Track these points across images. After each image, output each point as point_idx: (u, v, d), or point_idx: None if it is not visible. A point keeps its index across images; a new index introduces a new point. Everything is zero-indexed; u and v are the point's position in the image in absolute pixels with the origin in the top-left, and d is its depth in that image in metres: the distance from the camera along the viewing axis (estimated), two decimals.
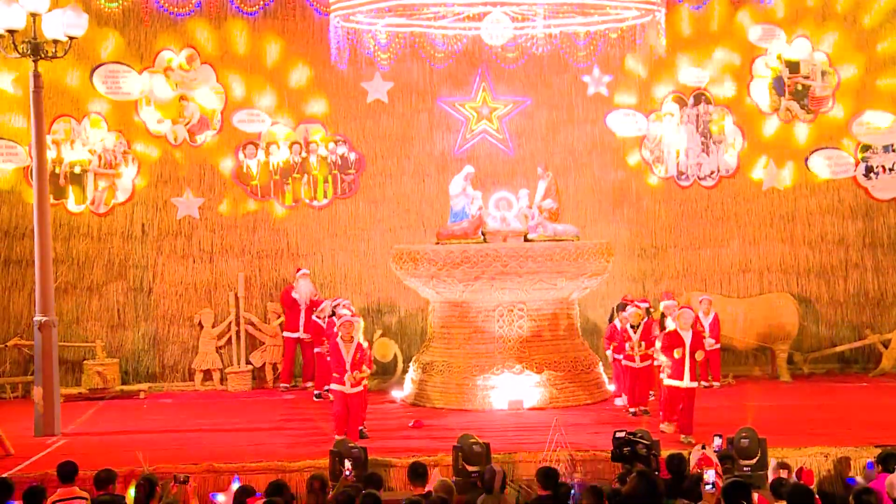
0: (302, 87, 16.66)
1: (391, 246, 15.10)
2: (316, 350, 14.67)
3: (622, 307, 13.95)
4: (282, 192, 16.56)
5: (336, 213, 16.68)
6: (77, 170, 16.11)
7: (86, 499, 8.62)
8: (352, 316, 12.37)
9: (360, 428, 11.96)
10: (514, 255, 13.47)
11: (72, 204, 16.11)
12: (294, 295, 15.43)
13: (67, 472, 8.89)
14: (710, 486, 8.00)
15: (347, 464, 9.67)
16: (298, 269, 15.69)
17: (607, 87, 16.91)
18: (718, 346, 15.01)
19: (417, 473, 9.11)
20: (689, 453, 9.88)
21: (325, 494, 8.60)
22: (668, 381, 11.82)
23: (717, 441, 9.91)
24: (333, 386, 12.07)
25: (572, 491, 8.47)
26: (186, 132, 16.34)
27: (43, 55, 12.41)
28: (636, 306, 13.45)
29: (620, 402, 13.61)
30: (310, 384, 15.15)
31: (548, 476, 8.77)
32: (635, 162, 17.01)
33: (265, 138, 16.53)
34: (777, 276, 16.85)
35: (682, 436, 11.46)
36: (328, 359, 12.72)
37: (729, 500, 7.10)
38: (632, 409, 12.98)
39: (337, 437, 11.26)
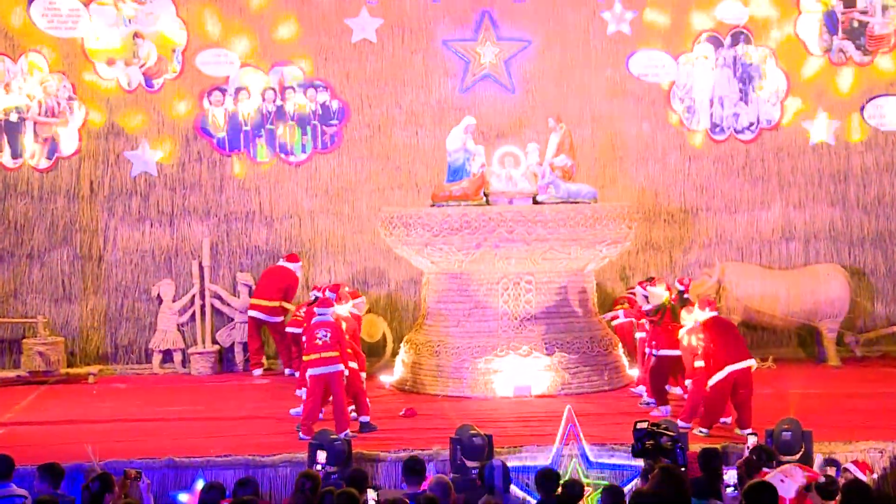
0: (277, 24, 16.53)
1: (379, 208, 15.08)
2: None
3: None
4: (253, 146, 16.49)
5: (316, 169, 16.63)
6: (13, 117, 16.02)
7: (25, 497, 8.62)
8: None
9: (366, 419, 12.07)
10: (522, 219, 13.45)
11: (7, 157, 16.04)
12: None
13: (2, 469, 8.87)
14: (732, 488, 7.96)
15: (321, 455, 9.69)
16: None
17: (630, 24, 16.81)
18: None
19: (414, 470, 9.14)
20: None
21: (315, 496, 8.61)
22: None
23: (752, 440, 9.86)
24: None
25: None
26: (141, 75, 16.24)
27: None
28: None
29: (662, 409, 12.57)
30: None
31: (548, 478, 8.80)
32: (662, 112, 16.93)
33: (234, 83, 16.44)
34: (826, 245, 16.85)
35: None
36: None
37: None
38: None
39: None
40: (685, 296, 13.19)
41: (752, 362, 11.58)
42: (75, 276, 16.20)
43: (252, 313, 15.53)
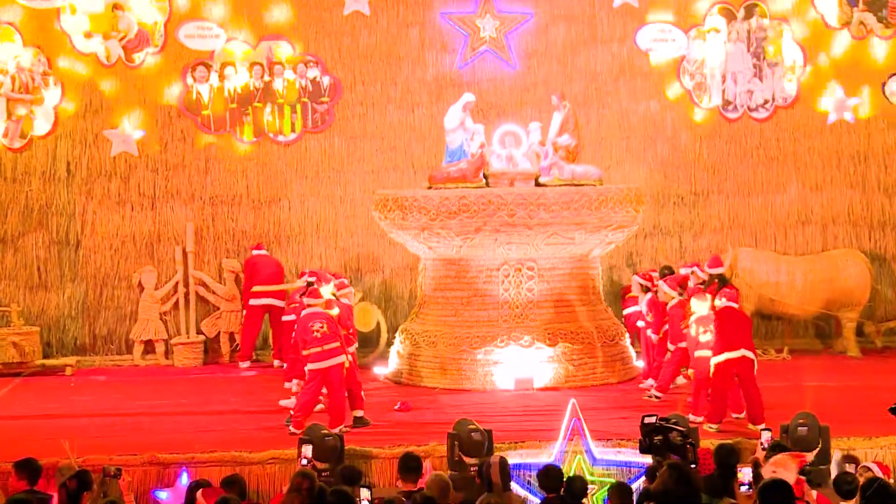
0: None
1: (373, 191, 15.06)
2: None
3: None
4: (240, 125, 16.46)
5: (306, 149, 16.63)
6: None
7: None
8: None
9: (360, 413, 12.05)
10: (523, 202, 13.43)
11: None
12: None
13: None
14: (747, 486, 7.99)
15: (306, 450, 9.68)
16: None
17: None
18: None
19: (410, 467, 9.13)
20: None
21: (311, 497, 8.58)
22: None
23: (766, 435, 9.82)
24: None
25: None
26: (122, 49, 16.20)
27: None
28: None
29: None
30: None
31: (550, 475, 8.78)
32: (671, 89, 16.90)
33: (219, 58, 16.41)
34: (844, 230, 16.86)
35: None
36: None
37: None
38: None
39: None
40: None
41: (748, 353, 11.44)
42: (51, 262, 16.18)
43: (258, 301, 15.40)
